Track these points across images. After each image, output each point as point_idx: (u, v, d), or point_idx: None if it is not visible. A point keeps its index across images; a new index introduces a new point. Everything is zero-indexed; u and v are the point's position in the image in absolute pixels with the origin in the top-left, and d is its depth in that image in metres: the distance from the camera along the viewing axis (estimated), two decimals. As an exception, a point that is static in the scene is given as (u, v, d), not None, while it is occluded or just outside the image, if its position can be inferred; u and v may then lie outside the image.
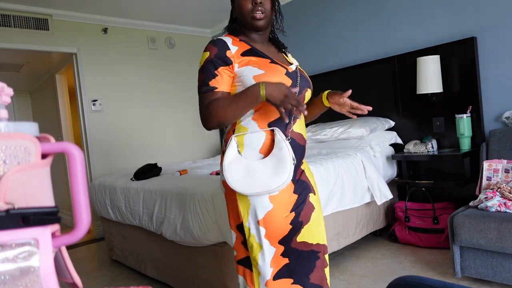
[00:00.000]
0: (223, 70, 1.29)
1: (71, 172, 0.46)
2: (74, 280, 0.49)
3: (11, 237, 0.41)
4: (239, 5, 1.35)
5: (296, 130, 1.36)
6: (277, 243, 1.33)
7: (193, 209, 2.01)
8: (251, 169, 1.26)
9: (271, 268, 1.33)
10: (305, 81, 1.41)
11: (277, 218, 1.31)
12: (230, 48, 1.31)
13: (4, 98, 0.45)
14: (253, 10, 1.32)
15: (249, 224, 1.32)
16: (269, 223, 1.30)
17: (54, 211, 0.44)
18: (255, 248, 1.33)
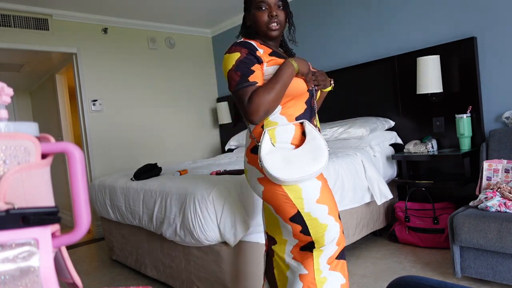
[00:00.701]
0: (257, 67, 1.36)
1: (71, 172, 0.46)
2: (74, 280, 0.49)
3: (11, 237, 0.41)
4: (255, 16, 1.43)
5: (317, 125, 1.49)
6: (338, 218, 1.41)
7: (193, 209, 2.01)
8: (288, 157, 1.32)
9: (336, 246, 1.40)
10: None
11: (330, 191, 1.42)
12: (258, 49, 1.38)
13: (4, 98, 0.45)
14: (269, 22, 1.41)
15: (308, 208, 1.35)
16: (326, 199, 1.38)
17: (54, 211, 0.44)
18: (321, 230, 1.36)
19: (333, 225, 1.36)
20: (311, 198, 1.34)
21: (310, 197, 1.34)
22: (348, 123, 3.15)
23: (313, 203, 1.34)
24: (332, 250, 1.38)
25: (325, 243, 1.37)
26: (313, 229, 1.36)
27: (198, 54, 5.03)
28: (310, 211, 1.35)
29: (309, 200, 1.34)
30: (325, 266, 1.38)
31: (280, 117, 1.38)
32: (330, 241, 1.36)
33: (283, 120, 1.38)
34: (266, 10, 1.40)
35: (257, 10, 1.41)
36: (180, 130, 4.79)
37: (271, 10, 1.40)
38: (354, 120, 3.22)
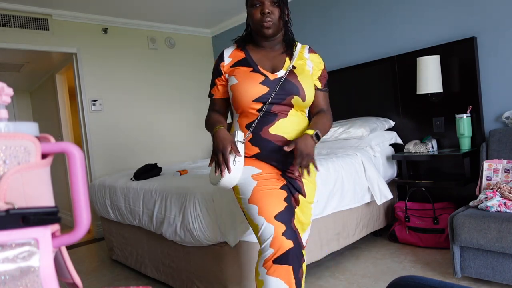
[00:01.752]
0: (218, 80, 1.57)
1: (71, 172, 0.46)
2: (74, 280, 0.49)
3: (11, 237, 0.41)
4: (249, 14, 1.49)
5: (273, 132, 1.45)
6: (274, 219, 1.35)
7: (193, 209, 2.01)
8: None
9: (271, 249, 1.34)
10: (289, 88, 1.45)
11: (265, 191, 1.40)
12: (224, 60, 1.55)
13: (4, 98, 0.45)
14: (262, 19, 1.44)
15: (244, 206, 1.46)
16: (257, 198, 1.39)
17: (54, 211, 0.44)
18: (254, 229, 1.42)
19: (264, 226, 1.33)
20: (245, 196, 1.41)
21: (244, 195, 1.42)
22: (348, 123, 3.15)
23: (246, 202, 1.40)
24: (268, 252, 1.31)
25: (261, 244, 1.35)
26: (253, 229, 1.40)
27: (198, 54, 5.03)
28: (246, 209, 1.43)
29: (244, 199, 1.42)
30: (262, 269, 1.32)
31: (236, 124, 1.56)
32: (264, 242, 1.33)
33: (237, 127, 1.54)
34: (259, 7, 1.44)
35: (251, 7, 1.46)
36: (180, 130, 4.79)
37: (264, 7, 1.42)
38: (354, 120, 3.22)
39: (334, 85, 3.66)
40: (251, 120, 1.47)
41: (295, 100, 1.46)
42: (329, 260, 2.70)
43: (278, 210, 1.36)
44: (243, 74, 1.47)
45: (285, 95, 1.44)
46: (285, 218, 1.36)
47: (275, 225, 1.33)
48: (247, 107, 1.45)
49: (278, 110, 1.45)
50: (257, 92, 1.42)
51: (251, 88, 1.43)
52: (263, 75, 1.45)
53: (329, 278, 2.43)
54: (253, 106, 1.44)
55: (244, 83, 1.44)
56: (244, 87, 1.43)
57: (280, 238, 1.30)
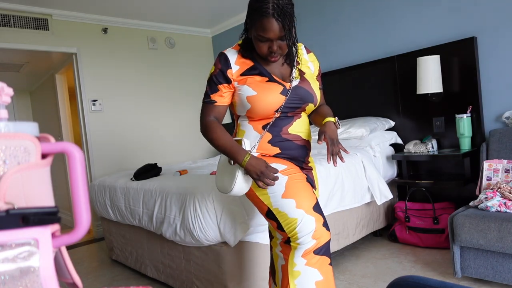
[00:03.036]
0: (224, 86, 1.44)
1: (71, 172, 0.46)
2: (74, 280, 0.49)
3: (11, 237, 0.41)
4: (255, 43, 1.36)
5: (292, 132, 1.46)
6: (313, 211, 1.35)
7: (193, 209, 2.01)
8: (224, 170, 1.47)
9: (313, 240, 1.33)
10: (305, 96, 1.45)
11: (299, 184, 1.39)
12: (231, 67, 1.42)
13: (4, 98, 0.45)
14: (269, 54, 1.37)
15: (275, 204, 1.38)
16: (293, 192, 1.37)
17: (54, 211, 0.44)
18: (292, 224, 1.35)
19: (304, 218, 1.34)
20: (277, 193, 1.38)
21: (276, 192, 1.38)
22: (348, 123, 3.15)
23: (279, 198, 1.37)
24: (309, 244, 1.33)
25: (299, 237, 1.34)
26: (285, 224, 1.37)
27: (198, 54, 5.03)
28: (278, 206, 1.38)
29: (275, 196, 1.38)
30: (300, 260, 1.34)
31: (248, 126, 1.48)
32: (305, 234, 1.33)
33: (249, 129, 1.47)
34: (267, 43, 1.34)
35: (257, 40, 1.35)
36: (180, 130, 4.79)
37: (272, 45, 1.33)
38: (354, 120, 3.22)
39: (334, 85, 3.67)
40: (265, 122, 1.45)
41: (309, 107, 1.49)
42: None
43: (314, 202, 1.38)
44: (260, 84, 1.40)
45: (301, 103, 1.45)
46: (320, 209, 1.39)
47: (315, 217, 1.34)
48: (265, 117, 1.44)
49: (293, 113, 1.47)
50: (278, 103, 1.40)
51: (273, 100, 1.39)
52: (280, 84, 1.42)
53: (329, 278, 2.43)
54: (272, 115, 1.44)
55: (265, 95, 1.39)
56: (266, 99, 1.38)
57: (321, 229, 1.34)
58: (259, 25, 1.30)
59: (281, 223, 1.38)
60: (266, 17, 1.27)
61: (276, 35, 1.30)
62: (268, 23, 1.28)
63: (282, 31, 1.30)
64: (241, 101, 1.43)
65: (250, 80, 1.41)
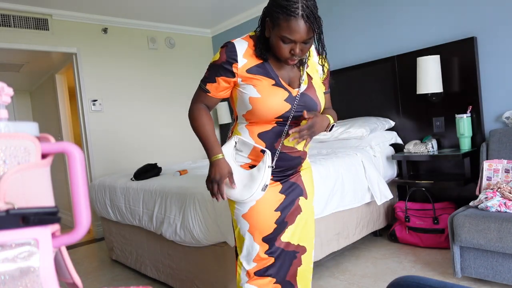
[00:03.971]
0: (223, 79, 1.34)
1: (71, 172, 0.46)
2: (74, 280, 0.49)
3: (11, 237, 0.41)
4: (276, 43, 1.26)
5: (287, 144, 1.39)
6: (261, 240, 1.40)
7: (193, 209, 2.01)
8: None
9: (254, 263, 1.42)
10: (309, 103, 1.38)
11: (260, 214, 1.39)
12: (238, 61, 1.31)
13: (4, 98, 0.45)
14: (289, 57, 1.28)
15: (236, 216, 1.44)
16: (251, 218, 1.40)
17: (54, 211, 0.44)
18: (240, 240, 1.44)
19: (250, 243, 1.40)
20: (240, 210, 1.41)
21: (240, 208, 1.41)
22: (348, 123, 3.15)
23: (240, 215, 1.42)
24: (250, 265, 1.42)
25: (241, 255, 1.43)
26: (237, 235, 1.46)
27: (198, 54, 5.03)
28: (236, 218, 1.44)
29: (238, 210, 1.42)
30: (244, 277, 1.43)
31: (245, 129, 1.40)
32: (246, 255, 1.41)
33: (246, 133, 1.40)
34: (290, 45, 1.25)
35: (280, 40, 1.24)
36: (180, 130, 4.78)
37: (295, 48, 1.24)
38: (354, 120, 3.22)
39: (334, 85, 3.66)
40: (265, 130, 1.37)
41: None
42: (329, 260, 2.70)
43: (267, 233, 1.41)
44: (266, 88, 1.31)
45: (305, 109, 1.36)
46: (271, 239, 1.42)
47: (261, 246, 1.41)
48: (264, 122, 1.36)
49: (294, 121, 1.38)
50: (282, 110, 1.32)
51: (276, 106, 1.31)
52: (286, 90, 1.33)
53: (329, 278, 2.43)
54: (273, 121, 1.36)
55: (268, 100, 1.30)
56: (268, 104, 1.30)
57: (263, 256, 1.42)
58: (286, 25, 1.20)
59: (234, 232, 1.48)
60: (294, 17, 1.18)
61: (302, 38, 1.22)
62: (296, 25, 1.19)
63: (309, 33, 1.23)
64: (242, 100, 1.35)
65: (256, 82, 1.32)
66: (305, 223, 1.50)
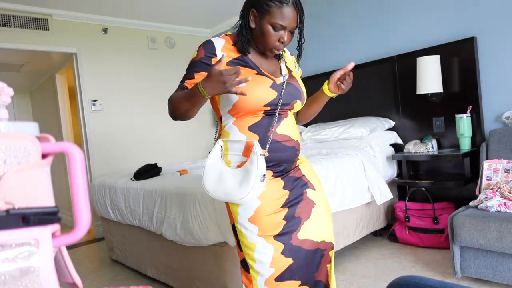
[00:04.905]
0: (202, 75, 1.31)
1: (71, 172, 0.46)
2: (74, 280, 0.49)
3: (11, 237, 0.41)
4: (265, 31, 1.30)
5: (280, 132, 1.36)
6: (273, 239, 1.33)
7: (193, 209, 2.01)
8: (223, 175, 1.31)
9: (271, 268, 1.32)
10: (294, 92, 1.40)
11: (268, 213, 1.33)
12: (216, 55, 1.33)
13: (4, 98, 0.45)
14: (276, 46, 1.33)
15: (240, 224, 1.35)
16: (260, 219, 1.32)
17: (54, 211, 0.44)
18: (250, 249, 1.34)
19: (263, 246, 1.32)
20: (245, 215, 1.33)
21: (244, 213, 1.33)
22: (348, 123, 3.15)
23: (245, 220, 1.34)
24: (268, 272, 1.32)
25: (255, 265, 1.33)
26: (243, 246, 1.35)
27: (198, 54, 5.03)
28: (241, 226, 1.35)
29: (242, 216, 1.34)
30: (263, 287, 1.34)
31: (233, 127, 1.36)
32: (261, 261, 1.32)
33: (235, 131, 1.35)
34: (279, 32, 1.30)
35: (270, 26, 1.29)
36: (180, 130, 4.79)
37: (283, 36, 1.31)
38: (354, 120, 3.22)
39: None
40: (255, 121, 1.35)
41: (296, 104, 1.43)
42: (329, 260, 2.70)
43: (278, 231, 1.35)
44: (248, 75, 1.30)
45: (291, 99, 1.39)
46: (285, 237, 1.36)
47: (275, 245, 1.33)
48: (253, 112, 1.33)
49: (282, 110, 1.39)
50: (268, 97, 1.32)
51: (262, 93, 1.31)
52: (270, 78, 1.35)
53: (329, 278, 2.43)
54: (261, 110, 1.34)
55: (254, 87, 1.29)
56: (255, 91, 1.29)
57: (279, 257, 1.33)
58: (278, 12, 1.27)
59: (240, 242, 1.37)
60: (287, 4, 1.28)
61: (292, 25, 1.31)
62: (288, 12, 1.28)
63: (296, 22, 1.33)
64: (228, 97, 1.32)
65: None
66: (323, 216, 1.44)
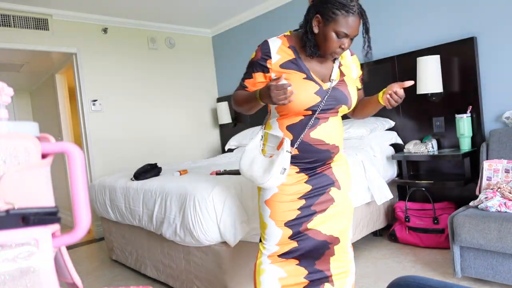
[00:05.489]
0: (259, 75, 1.48)
1: (71, 172, 0.46)
2: (74, 280, 0.49)
3: (11, 237, 0.41)
4: (328, 38, 1.37)
5: (313, 136, 1.46)
6: (283, 225, 1.50)
7: (193, 209, 2.01)
8: (254, 160, 1.48)
9: (276, 246, 1.52)
10: (340, 97, 1.47)
11: (282, 201, 1.49)
12: (271, 57, 1.44)
13: (4, 98, 0.45)
14: (336, 51, 1.40)
15: (260, 203, 1.55)
16: (273, 204, 1.50)
17: (54, 211, 0.44)
18: (263, 227, 1.55)
19: (273, 228, 1.50)
20: (264, 196, 1.53)
21: (263, 195, 1.53)
22: (348, 123, 3.15)
23: (263, 201, 1.53)
24: (273, 249, 1.52)
25: (265, 239, 1.53)
26: (261, 222, 1.56)
27: (198, 54, 5.03)
28: (260, 205, 1.55)
29: (262, 197, 1.54)
30: (266, 259, 1.53)
31: (275, 123, 1.51)
32: (269, 239, 1.52)
33: (276, 126, 1.51)
34: (341, 40, 1.37)
35: (333, 33, 1.36)
36: (180, 130, 4.79)
37: (345, 42, 1.37)
38: (354, 120, 3.21)
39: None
40: (293, 122, 1.47)
41: (342, 108, 1.50)
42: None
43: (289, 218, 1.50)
44: (297, 81, 1.41)
45: (335, 104, 1.46)
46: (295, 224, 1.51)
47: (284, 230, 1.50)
48: (294, 112, 1.45)
49: (322, 115, 1.46)
50: (311, 102, 1.41)
51: (306, 98, 1.40)
52: (317, 84, 1.43)
53: (329, 278, 2.43)
54: (302, 113, 1.44)
55: (298, 92, 1.37)
56: (299, 96, 1.38)
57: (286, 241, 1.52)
58: (344, 21, 1.33)
59: (259, 217, 1.58)
60: (352, 14, 1.33)
61: (354, 33, 1.38)
62: (353, 21, 1.34)
63: (358, 29, 1.39)
64: None
65: (288, 75, 1.41)
66: (340, 214, 1.54)
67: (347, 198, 1.58)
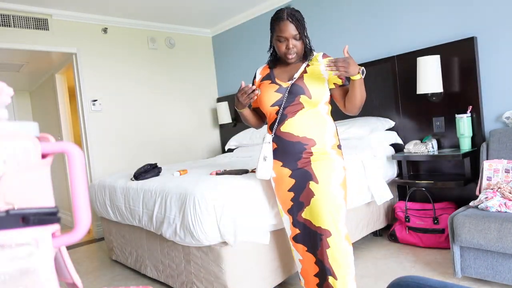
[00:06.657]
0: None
1: (71, 172, 0.46)
2: (74, 280, 0.49)
3: (11, 237, 0.41)
4: (276, 45, 1.79)
5: (284, 130, 1.79)
6: (286, 211, 1.85)
7: (193, 209, 2.01)
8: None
9: (289, 230, 1.86)
10: (297, 90, 1.77)
11: (279, 191, 1.88)
12: (256, 77, 1.96)
13: (4, 98, 0.45)
14: (287, 52, 1.76)
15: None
16: (277, 193, 1.91)
17: (54, 211, 0.44)
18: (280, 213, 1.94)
19: (283, 215, 1.90)
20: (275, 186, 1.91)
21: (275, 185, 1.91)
22: (348, 123, 3.15)
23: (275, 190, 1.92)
24: (289, 232, 1.88)
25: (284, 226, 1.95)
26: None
27: (198, 54, 5.03)
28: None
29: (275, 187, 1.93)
30: (290, 241, 1.88)
31: (265, 126, 1.99)
32: (285, 224, 1.90)
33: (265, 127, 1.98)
34: (284, 42, 1.74)
35: (277, 40, 1.75)
36: (180, 130, 4.79)
37: (288, 43, 1.72)
38: (354, 120, 3.22)
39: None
40: (271, 121, 1.86)
41: (303, 99, 1.76)
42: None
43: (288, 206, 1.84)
44: (265, 86, 1.86)
45: (293, 96, 1.77)
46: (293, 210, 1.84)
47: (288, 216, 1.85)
48: (268, 111, 1.86)
49: (290, 111, 1.78)
50: (273, 99, 1.81)
51: (268, 96, 1.82)
52: (278, 84, 1.82)
53: (329, 278, 2.42)
54: (272, 110, 1.83)
55: (264, 93, 1.84)
56: (263, 95, 1.84)
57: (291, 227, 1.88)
58: (278, 28, 1.72)
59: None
60: (282, 20, 1.71)
61: (291, 34, 1.71)
62: (283, 25, 1.70)
63: (295, 31, 1.71)
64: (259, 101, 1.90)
65: (262, 84, 1.88)
66: (321, 207, 1.70)
67: (329, 192, 1.71)
